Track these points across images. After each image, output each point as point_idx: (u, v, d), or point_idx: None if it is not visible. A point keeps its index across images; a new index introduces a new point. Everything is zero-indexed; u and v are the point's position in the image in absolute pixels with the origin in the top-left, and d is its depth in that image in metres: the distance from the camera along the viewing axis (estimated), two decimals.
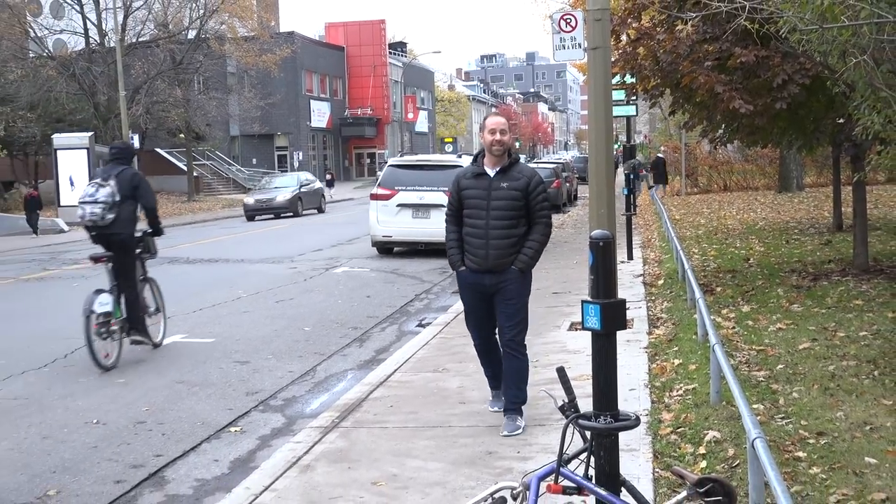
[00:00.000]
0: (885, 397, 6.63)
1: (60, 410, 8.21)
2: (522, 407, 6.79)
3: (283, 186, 38.13)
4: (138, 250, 10.37)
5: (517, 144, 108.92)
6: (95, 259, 10.10)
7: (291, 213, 36.39)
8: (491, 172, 6.61)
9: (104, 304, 9.72)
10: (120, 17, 43.53)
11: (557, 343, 9.65)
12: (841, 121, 11.81)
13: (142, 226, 10.50)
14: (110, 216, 9.81)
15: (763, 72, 10.76)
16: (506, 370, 6.77)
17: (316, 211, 38.81)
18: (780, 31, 7.67)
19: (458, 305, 9.88)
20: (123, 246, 10.08)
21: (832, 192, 18.54)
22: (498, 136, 6.54)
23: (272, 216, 35.98)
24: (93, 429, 7.65)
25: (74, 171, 36.98)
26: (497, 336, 6.90)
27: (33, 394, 8.83)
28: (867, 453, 5.52)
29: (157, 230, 10.55)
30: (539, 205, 6.59)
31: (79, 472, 6.63)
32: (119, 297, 10.03)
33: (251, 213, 36.90)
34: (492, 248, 6.52)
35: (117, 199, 9.85)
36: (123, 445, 7.20)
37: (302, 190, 37.76)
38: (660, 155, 36.52)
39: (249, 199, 38.44)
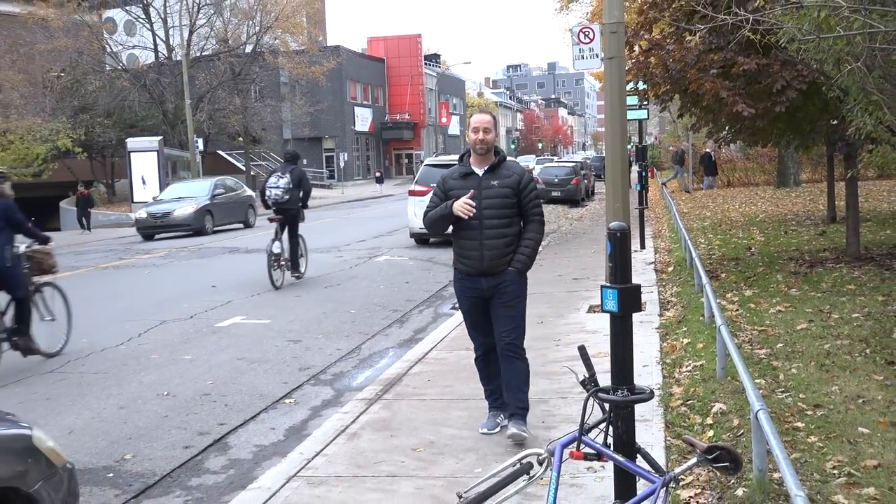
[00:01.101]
0: (876, 373, 6.54)
1: (135, 384, 8.31)
2: (527, 416, 5.90)
3: (186, 197, 27.28)
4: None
5: (539, 145, 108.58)
6: (274, 220, 14.07)
7: (192, 232, 25.93)
8: (479, 171, 5.77)
9: (277, 247, 13.77)
10: (185, 34, 43.87)
11: (578, 324, 9.61)
12: (835, 122, 11.64)
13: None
14: (286, 196, 13.76)
15: (764, 78, 10.63)
16: (506, 374, 5.86)
17: (241, 226, 28.08)
18: (780, 41, 7.55)
19: None
20: (293, 214, 14.12)
21: (826, 188, 18.27)
22: (481, 135, 5.70)
23: (177, 234, 26.27)
24: (163, 400, 7.73)
25: (146, 171, 37.30)
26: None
27: (111, 369, 8.93)
28: (860, 424, 5.45)
29: (305, 205, 14.39)
30: (531, 202, 5.76)
31: (152, 438, 6.70)
32: (283, 244, 13.97)
33: (146, 232, 26.51)
34: (486, 249, 5.66)
35: (290, 186, 13.76)
36: (191, 415, 7.26)
37: (215, 200, 27.22)
38: (707, 150, 36.08)
39: (141, 213, 27.10)
